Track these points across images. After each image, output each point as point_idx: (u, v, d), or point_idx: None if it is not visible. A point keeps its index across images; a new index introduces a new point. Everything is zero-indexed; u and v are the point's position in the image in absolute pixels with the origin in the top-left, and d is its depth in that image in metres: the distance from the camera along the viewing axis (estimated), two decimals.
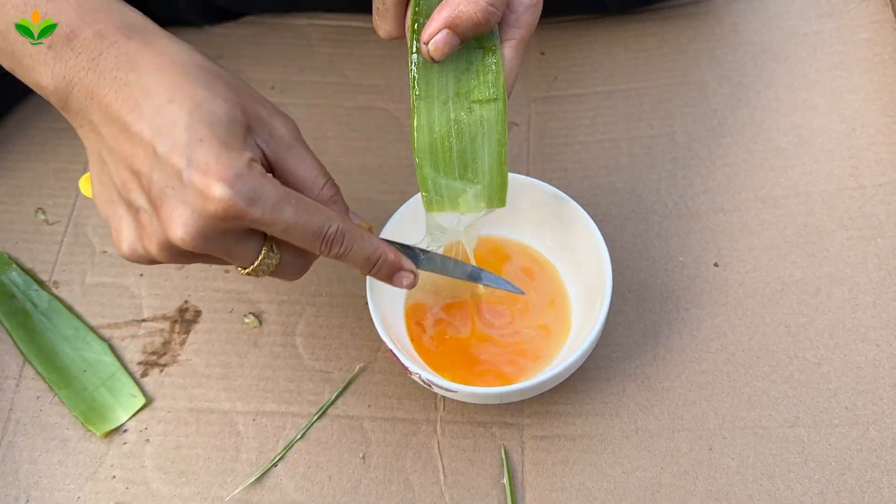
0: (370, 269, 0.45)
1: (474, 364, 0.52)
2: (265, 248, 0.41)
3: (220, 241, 0.40)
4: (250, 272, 0.42)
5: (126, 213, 0.41)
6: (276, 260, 0.42)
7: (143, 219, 0.40)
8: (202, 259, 0.42)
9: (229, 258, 0.41)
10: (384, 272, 0.45)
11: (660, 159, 0.63)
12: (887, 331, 0.54)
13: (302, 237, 0.40)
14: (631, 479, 0.51)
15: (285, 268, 0.43)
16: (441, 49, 0.43)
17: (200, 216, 0.38)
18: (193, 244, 0.39)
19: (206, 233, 0.38)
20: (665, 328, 0.56)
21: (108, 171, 0.41)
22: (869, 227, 0.58)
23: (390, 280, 0.46)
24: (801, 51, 0.67)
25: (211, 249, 0.40)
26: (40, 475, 0.53)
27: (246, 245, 0.41)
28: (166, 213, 0.38)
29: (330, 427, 0.54)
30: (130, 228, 0.41)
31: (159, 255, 0.41)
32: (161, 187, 0.38)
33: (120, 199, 0.41)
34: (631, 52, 0.69)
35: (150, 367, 0.57)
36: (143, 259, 0.42)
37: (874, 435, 0.51)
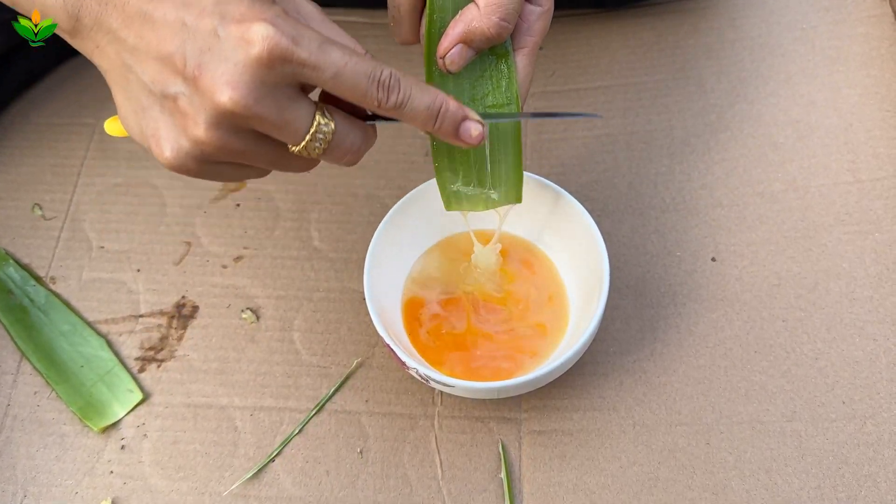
0: (433, 121, 0.40)
1: (471, 359, 0.52)
2: (318, 114, 0.39)
3: (271, 97, 0.37)
4: (306, 144, 0.39)
5: (161, 112, 0.39)
6: (331, 127, 0.39)
7: (183, 104, 0.37)
8: (251, 142, 0.39)
9: (281, 126, 0.38)
10: (448, 123, 0.41)
11: (657, 154, 0.63)
12: (884, 325, 0.54)
13: (354, 82, 0.37)
14: (628, 473, 0.51)
15: (342, 141, 0.40)
16: (457, 62, 0.44)
17: (246, 66, 0.36)
18: (243, 102, 0.36)
19: (256, 85, 0.36)
20: (662, 323, 0.56)
21: (135, 77, 0.38)
22: (866, 222, 0.58)
23: (456, 134, 0.41)
24: (799, 46, 0.67)
25: (262, 110, 0.37)
26: (38, 470, 0.53)
27: (298, 106, 0.38)
28: (208, 79, 0.36)
29: (327, 422, 0.54)
30: (169, 126, 0.38)
31: (209, 138, 0.37)
32: (197, 56, 0.36)
33: (152, 100, 0.39)
34: (629, 47, 0.69)
35: (148, 363, 0.57)
36: (189, 159, 0.39)
37: (871, 429, 0.51)
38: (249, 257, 0.60)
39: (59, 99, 0.69)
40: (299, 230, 0.61)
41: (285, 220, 0.62)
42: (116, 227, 0.62)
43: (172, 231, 0.62)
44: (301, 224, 0.62)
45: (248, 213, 0.62)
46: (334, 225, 0.61)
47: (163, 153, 0.39)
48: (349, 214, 0.62)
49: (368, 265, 0.51)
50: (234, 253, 0.61)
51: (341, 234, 0.61)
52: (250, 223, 0.62)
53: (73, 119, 0.67)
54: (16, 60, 0.66)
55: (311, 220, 0.62)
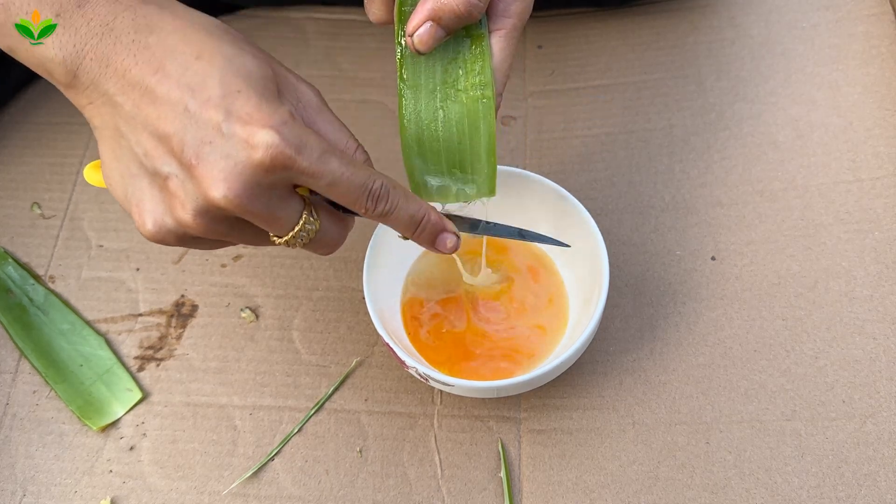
0: (414, 229, 0.42)
1: (470, 358, 0.52)
2: (306, 213, 0.39)
3: (265, 198, 0.37)
4: (289, 240, 0.40)
5: (149, 185, 0.38)
6: (316, 226, 0.40)
7: (174, 186, 0.37)
8: (235, 230, 0.39)
9: (270, 221, 0.38)
10: (427, 233, 0.43)
11: (657, 153, 0.63)
12: (884, 324, 0.54)
13: (348, 190, 0.38)
14: (628, 472, 0.51)
15: (323, 236, 0.41)
16: (426, 42, 0.42)
17: (246, 167, 0.36)
18: (237, 201, 0.36)
19: (251, 187, 0.36)
20: (662, 322, 0.56)
21: (127, 144, 0.38)
22: (866, 221, 0.58)
23: (433, 243, 0.43)
24: (799, 44, 0.67)
25: (254, 208, 0.37)
26: (37, 470, 0.53)
27: (288, 205, 0.39)
28: (204, 171, 0.36)
29: (327, 421, 0.54)
30: (156, 201, 0.38)
31: (194, 224, 0.38)
32: (196, 145, 0.36)
33: (142, 172, 0.38)
34: (628, 45, 0.69)
35: (147, 362, 0.56)
36: (170, 235, 0.39)
37: (871, 428, 0.51)
38: (249, 256, 0.60)
39: (58, 98, 0.68)
40: None
41: None
42: (115, 225, 0.62)
43: None
44: None
45: None
46: None
47: (144, 224, 0.39)
48: None
49: (368, 264, 0.51)
50: (233, 252, 0.61)
51: None
52: None
53: (72, 118, 0.67)
54: (14, 60, 0.65)
55: None
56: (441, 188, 0.46)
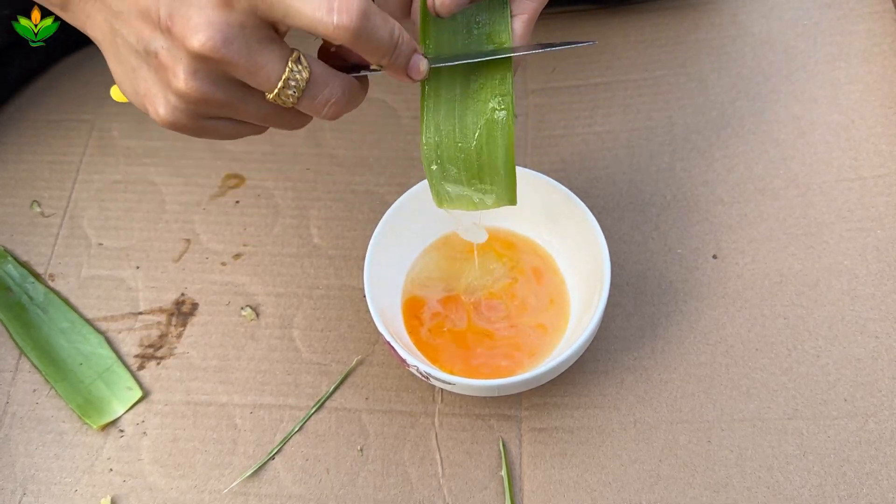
0: (392, 51, 0.39)
1: (471, 357, 0.52)
2: (291, 60, 0.38)
3: (241, 40, 0.37)
4: (279, 91, 0.39)
5: (149, 70, 0.39)
6: (305, 73, 0.39)
7: (164, 57, 0.38)
8: (231, 91, 0.39)
9: (255, 70, 0.38)
10: (404, 55, 0.40)
11: (658, 151, 0.63)
12: (886, 322, 0.54)
13: (305, 5, 0.36)
14: (629, 471, 0.51)
15: (318, 89, 0.40)
16: (448, 5, 0.41)
17: (210, 9, 0.36)
18: (211, 45, 0.36)
19: (222, 26, 0.36)
20: (663, 320, 0.56)
21: (122, 40, 0.39)
22: (868, 219, 0.58)
23: (406, 66, 0.41)
24: (801, 42, 0.67)
25: (232, 52, 0.37)
26: (37, 468, 0.53)
27: (269, 50, 0.38)
28: (179, 27, 0.37)
29: (327, 420, 0.54)
30: (157, 82, 0.39)
31: (190, 89, 0.38)
32: (168, 6, 0.37)
33: (140, 60, 0.40)
34: (629, 43, 0.69)
35: (147, 360, 0.56)
36: (180, 113, 0.39)
37: (873, 427, 0.51)
38: (249, 254, 0.60)
39: (57, 96, 0.68)
40: (299, 227, 0.61)
41: (285, 217, 0.62)
42: (115, 224, 0.62)
43: (171, 228, 0.62)
44: (301, 221, 0.62)
45: (247, 210, 0.62)
46: (334, 222, 0.61)
47: (157, 112, 0.40)
48: (349, 211, 0.62)
49: (368, 262, 0.51)
50: (233, 250, 0.61)
51: (341, 231, 0.61)
52: (250, 220, 0.62)
53: (72, 116, 0.67)
54: (14, 57, 0.66)
55: (310, 217, 0.62)
56: (461, 197, 0.47)
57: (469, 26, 0.44)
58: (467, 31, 0.44)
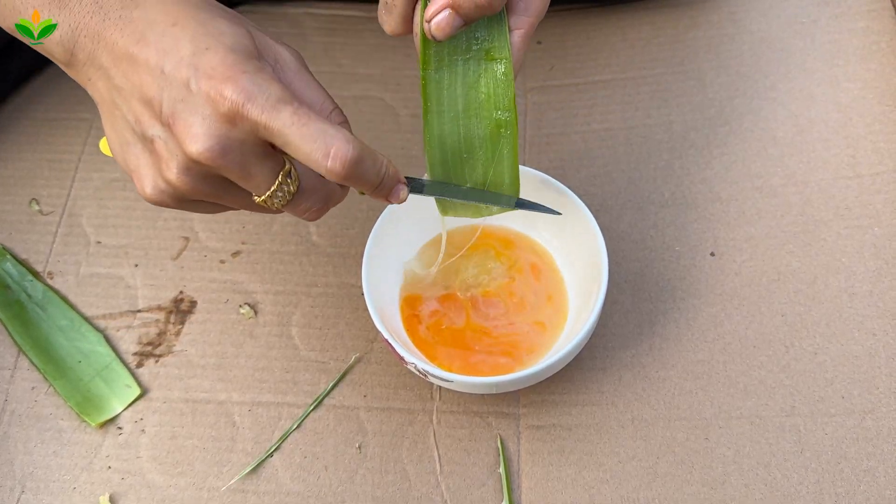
0: (376, 186, 0.41)
1: (469, 354, 0.52)
2: (283, 174, 0.40)
3: (237, 153, 0.38)
4: (266, 199, 0.40)
5: (142, 151, 0.40)
6: (292, 187, 0.40)
7: (159, 147, 0.39)
8: (220, 189, 0.40)
9: (247, 179, 0.39)
10: (387, 187, 0.42)
11: (657, 149, 0.63)
12: (884, 320, 0.54)
13: (301, 143, 0.37)
14: (627, 468, 0.51)
15: (303, 199, 0.41)
16: (443, 29, 0.42)
17: (213, 121, 0.37)
18: (209, 155, 0.37)
19: (222, 141, 0.37)
20: (661, 318, 0.56)
21: (120, 114, 0.40)
22: (866, 217, 0.58)
23: (388, 195, 0.43)
24: (799, 40, 0.67)
25: (227, 163, 0.38)
26: (35, 466, 0.53)
27: (263, 165, 0.39)
28: (180, 129, 0.37)
29: (326, 417, 0.54)
30: (149, 165, 0.40)
31: (181, 183, 0.39)
32: (172, 104, 0.37)
33: (135, 138, 0.40)
34: (628, 41, 0.69)
35: (146, 358, 0.56)
36: (166, 196, 0.41)
37: (870, 424, 0.51)
38: (247, 252, 0.60)
39: (55, 94, 0.68)
40: (297, 225, 0.61)
41: (283, 215, 0.62)
42: (114, 222, 0.62)
43: (170, 226, 0.62)
44: (299, 219, 0.61)
45: None
46: (332, 220, 0.61)
47: (143, 189, 0.41)
48: (347, 209, 0.62)
49: (367, 260, 0.51)
50: (231, 248, 0.61)
51: (339, 229, 0.61)
52: (248, 218, 0.62)
53: (70, 114, 0.67)
54: (12, 56, 0.66)
55: None
56: (466, 205, 0.49)
57: (469, 42, 0.45)
58: (466, 46, 0.45)
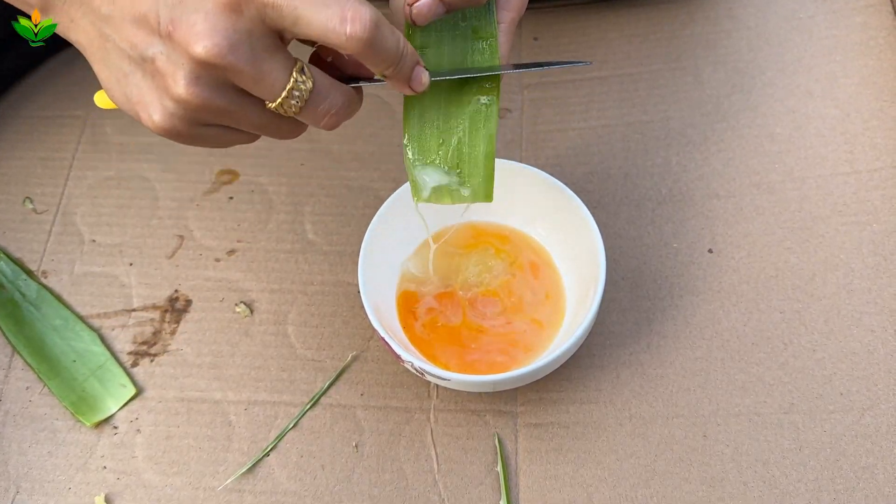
0: (397, 61, 0.39)
1: (466, 353, 0.52)
2: (296, 70, 0.38)
3: (246, 46, 0.36)
4: (282, 101, 0.38)
5: (143, 77, 0.39)
6: (309, 84, 0.39)
7: (161, 64, 0.37)
8: (232, 98, 0.39)
9: (259, 79, 0.37)
10: (408, 66, 0.40)
11: (654, 145, 0.63)
12: (882, 316, 0.54)
13: (316, 16, 0.36)
14: (625, 466, 0.51)
15: (320, 100, 0.40)
16: (424, 14, 0.41)
17: (216, 13, 0.35)
18: (217, 52, 0.35)
19: (228, 33, 0.35)
20: (659, 315, 0.55)
21: (113, 45, 0.38)
22: (864, 213, 0.58)
23: (409, 77, 0.41)
24: (796, 35, 0.66)
25: (237, 59, 0.36)
26: (30, 466, 0.52)
27: (274, 58, 0.37)
28: (182, 32, 0.36)
29: (322, 416, 0.53)
30: (152, 89, 0.38)
31: (190, 95, 0.37)
32: (169, 10, 0.36)
33: (133, 66, 0.39)
34: (625, 37, 0.68)
35: (141, 357, 0.56)
36: (177, 119, 0.39)
37: (869, 421, 0.51)
38: (243, 250, 0.60)
39: (49, 92, 0.68)
40: (293, 223, 0.61)
41: (279, 213, 0.61)
42: (108, 220, 0.62)
43: (165, 224, 0.61)
44: (295, 217, 0.61)
45: (241, 205, 0.62)
46: (328, 217, 0.61)
47: (151, 118, 0.39)
48: (343, 207, 0.61)
49: (363, 258, 0.51)
50: (227, 246, 0.60)
51: (336, 226, 0.61)
52: (243, 216, 0.61)
53: (64, 112, 0.67)
54: (5, 54, 0.65)
55: (304, 213, 0.61)
56: (439, 189, 0.47)
57: (455, 20, 0.44)
58: (453, 24, 0.44)
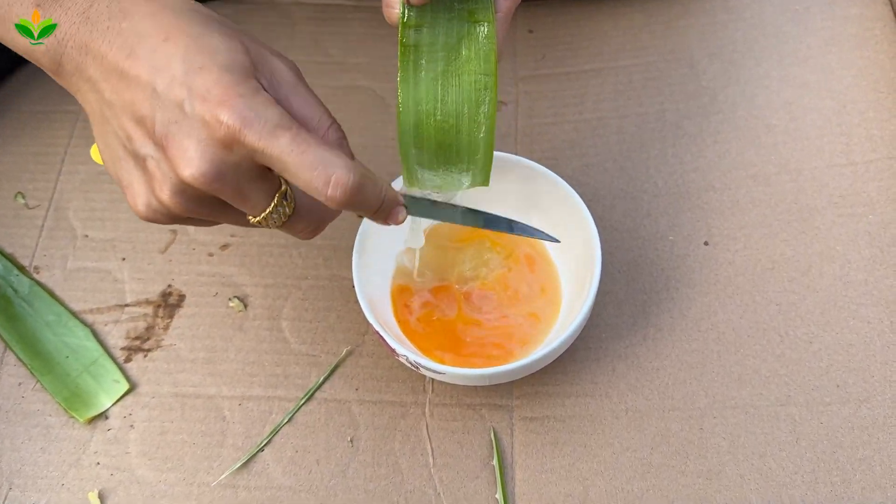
0: (376, 210, 0.40)
1: (461, 346, 0.52)
2: (278, 196, 0.39)
3: (232, 176, 0.37)
4: (261, 220, 0.39)
5: (134, 167, 0.39)
6: (289, 209, 0.40)
7: (151, 167, 0.38)
8: (215, 209, 0.39)
9: (242, 201, 0.38)
10: (386, 211, 0.41)
11: (649, 137, 0.62)
12: (878, 308, 0.54)
13: (298, 171, 0.36)
14: (621, 459, 0.50)
15: (299, 220, 0.41)
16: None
17: (208, 145, 0.36)
18: (203, 180, 0.36)
19: (216, 165, 0.36)
20: (655, 307, 0.55)
21: (111, 129, 0.39)
22: (860, 204, 0.57)
23: (387, 218, 0.42)
24: (792, 26, 0.66)
25: (222, 187, 0.37)
26: (23, 462, 0.52)
27: (258, 187, 0.38)
28: (173, 151, 0.36)
29: (317, 411, 0.53)
30: (141, 183, 0.39)
31: (174, 204, 0.38)
32: (165, 125, 0.36)
33: (127, 155, 0.39)
34: (620, 28, 0.68)
35: (134, 353, 0.56)
36: (160, 215, 0.40)
37: (866, 413, 0.51)
38: (236, 245, 0.60)
39: (41, 86, 0.68)
40: None
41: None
42: (101, 215, 0.61)
43: None
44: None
45: None
46: None
47: (136, 205, 0.40)
48: None
49: (357, 252, 0.51)
50: (220, 241, 0.60)
51: None
52: None
53: (56, 106, 0.66)
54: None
55: None
56: (435, 177, 0.46)
57: (451, 2, 0.43)
58: (449, 6, 0.43)
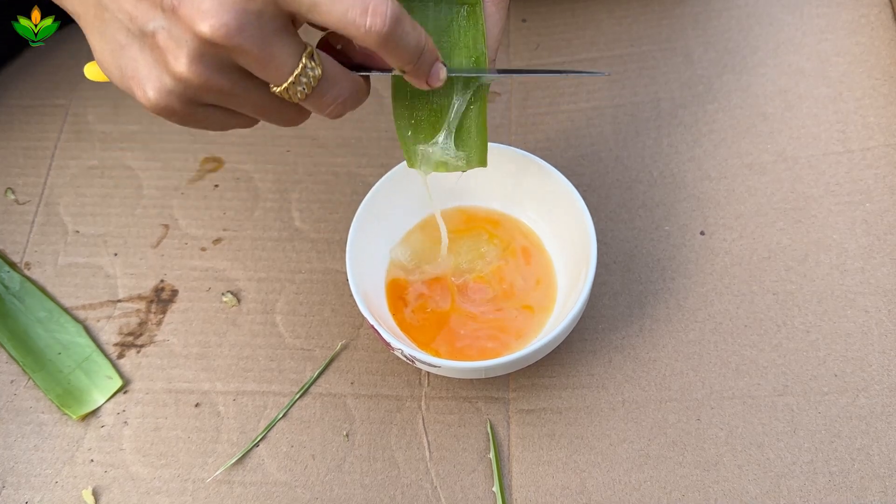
0: (417, 56, 0.38)
1: (456, 339, 0.51)
2: (305, 56, 0.37)
3: (255, 28, 0.34)
4: (289, 86, 0.37)
5: (140, 50, 0.37)
6: (317, 72, 0.37)
7: (162, 39, 0.36)
8: (235, 81, 0.37)
9: (266, 62, 0.36)
10: (427, 62, 0.39)
11: (644, 127, 0.62)
12: (876, 297, 0.53)
13: (336, 2, 0.34)
14: (618, 451, 0.50)
15: (328, 88, 0.38)
16: None
17: None
18: (225, 32, 0.34)
19: (237, 13, 0.34)
20: (651, 298, 0.55)
21: (110, 16, 0.37)
22: (857, 192, 0.57)
23: (428, 73, 0.39)
24: (787, 14, 0.66)
25: (245, 40, 0.34)
26: (16, 460, 0.52)
27: (283, 42, 0.36)
28: (187, 9, 0.34)
29: (312, 405, 0.53)
30: (150, 64, 0.37)
31: (192, 73, 0.36)
32: None
33: (130, 39, 0.37)
34: (614, 18, 0.67)
35: (127, 349, 0.55)
36: (174, 98, 0.37)
37: (864, 402, 0.50)
38: (229, 239, 0.59)
39: (30, 80, 0.67)
40: (280, 211, 0.60)
41: (265, 201, 0.61)
42: (92, 210, 0.61)
43: (149, 213, 0.60)
44: (281, 204, 0.60)
45: (226, 193, 0.61)
46: (315, 205, 0.60)
47: (145, 94, 0.37)
48: (330, 194, 0.60)
49: (351, 245, 0.50)
50: (213, 235, 0.59)
51: (323, 213, 0.60)
52: (229, 204, 0.61)
53: (46, 101, 0.66)
54: None
55: (291, 201, 0.60)
56: (431, 158, 0.46)
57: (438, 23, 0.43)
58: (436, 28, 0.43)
